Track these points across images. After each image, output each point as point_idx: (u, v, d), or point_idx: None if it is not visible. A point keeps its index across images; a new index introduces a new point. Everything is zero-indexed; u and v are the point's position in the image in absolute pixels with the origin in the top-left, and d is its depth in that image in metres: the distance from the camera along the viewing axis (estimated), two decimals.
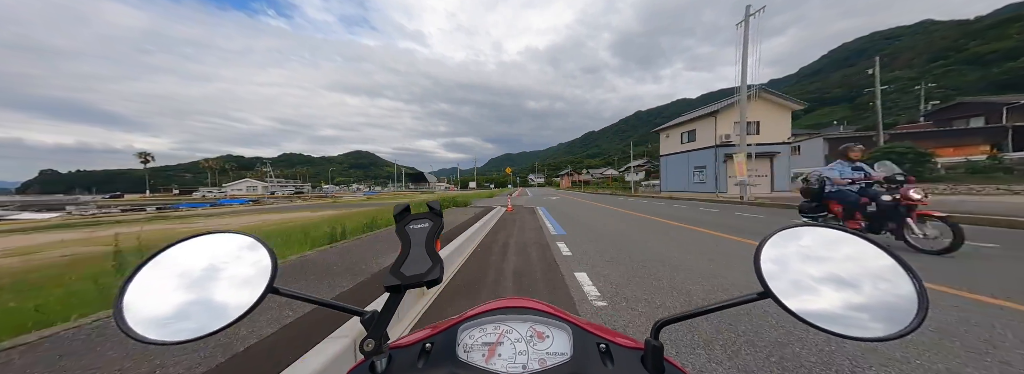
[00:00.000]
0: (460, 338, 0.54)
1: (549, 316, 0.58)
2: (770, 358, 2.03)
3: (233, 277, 0.51)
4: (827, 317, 0.44)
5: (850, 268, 0.47)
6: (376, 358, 0.49)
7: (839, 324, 0.43)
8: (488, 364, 0.50)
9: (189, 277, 0.50)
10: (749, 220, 9.22)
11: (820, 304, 0.45)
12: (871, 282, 0.46)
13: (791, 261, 0.50)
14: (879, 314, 0.44)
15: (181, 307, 0.47)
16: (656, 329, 0.51)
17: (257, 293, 0.48)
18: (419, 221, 0.59)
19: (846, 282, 0.46)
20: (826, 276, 0.47)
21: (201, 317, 0.46)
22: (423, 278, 0.51)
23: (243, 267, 0.52)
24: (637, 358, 0.50)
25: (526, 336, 0.54)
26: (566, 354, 0.51)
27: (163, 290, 0.49)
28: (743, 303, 0.48)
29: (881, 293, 0.45)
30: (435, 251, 0.55)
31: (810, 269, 0.48)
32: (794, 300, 0.46)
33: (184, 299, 0.48)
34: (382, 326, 0.50)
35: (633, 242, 6.36)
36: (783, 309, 0.46)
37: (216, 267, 0.51)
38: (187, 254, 0.53)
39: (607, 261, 4.76)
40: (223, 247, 0.54)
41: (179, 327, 0.45)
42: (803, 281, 0.47)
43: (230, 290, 0.49)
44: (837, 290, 0.46)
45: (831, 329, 0.43)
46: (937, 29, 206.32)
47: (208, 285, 0.50)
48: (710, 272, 4.00)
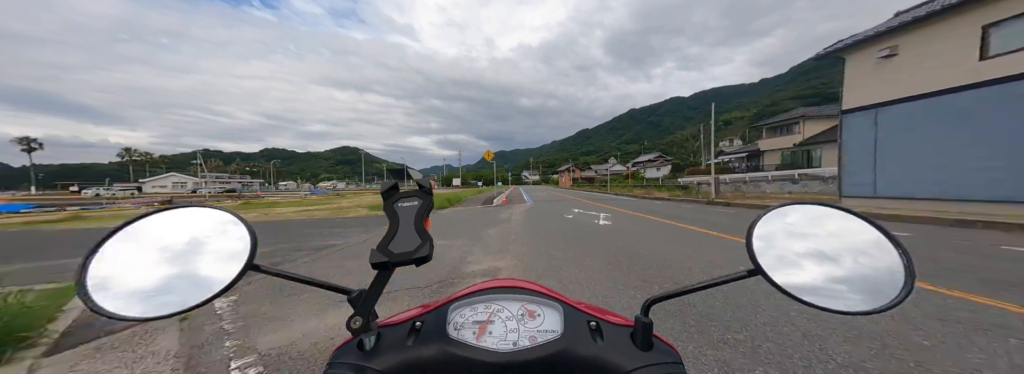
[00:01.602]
0: (450, 317, 0.54)
1: (541, 295, 0.58)
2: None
3: (210, 252, 0.49)
4: (815, 292, 0.45)
5: (838, 243, 0.48)
6: (364, 336, 0.48)
7: (827, 298, 0.44)
8: (479, 341, 0.50)
9: (161, 251, 0.48)
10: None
11: (808, 279, 0.46)
12: (858, 256, 0.46)
13: (780, 238, 0.50)
14: (866, 287, 0.44)
15: (153, 282, 0.45)
16: (646, 306, 0.51)
17: (235, 269, 0.47)
18: (408, 199, 0.57)
19: (833, 257, 0.47)
20: (813, 251, 0.48)
21: (175, 292, 0.45)
22: (412, 255, 0.49)
23: (221, 242, 0.50)
24: (627, 334, 0.51)
25: (517, 315, 0.54)
26: (557, 331, 0.51)
27: (133, 264, 0.46)
28: (733, 280, 0.48)
29: (868, 267, 0.45)
30: (425, 229, 0.53)
31: (798, 245, 0.49)
32: (783, 276, 0.47)
33: (156, 273, 0.46)
34: (370, 303, 0.49)
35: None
36: (772, 285, 0.46)
37: (193, 242, 0.49)
38: (158, 227, 0.50)
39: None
40: (198, 221, 0.52)
41: (150, 302, 0.43)
42: (791, 257, 0.48)
43: (207, 265, 0.47)
44: (824, 265, 0.47)
45: (818, 304, 0.44)
46: None
47: (183, 260, 0.47)
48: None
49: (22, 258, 5.68)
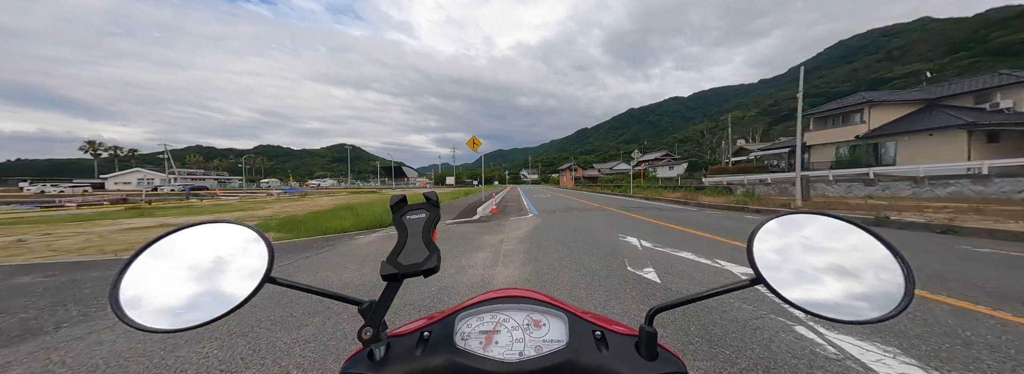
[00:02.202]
0: (457, 327, 0.55)
1: (546, 305, 0.58)
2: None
3: (230, 267, 0.51)
4: (816, 301, 0.46)
5: (842, 254, 0.49)
6: (374, 346, 0.49)
7: (827, 307, 0.45)
8: (485, 351, 0.50)
9: (186, 266, 0.51)
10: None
11: (809, 289, 0.47)
12: (860, 266, 0.48)
13: (784, 248, 0.51)
14: (867, 297, 0.45)
15: (178, 296, 0.48)
16: (650, 316, 0.52)
17: (254, 283, 0.49)
18: (416, 211, 0.58)
19: (836, 267, 0.48)
20: (816, 261, 0.49)
21: (198, 306, 0.47)
22: (420, 267, 0.51)
23: (240, 257, 0.52)
24: (631, 344, 0.51)
25: (523, 324, 0.55)
26: (562, 341, 0.51)
27: (160, 279, 0.49)
28: (736, 289, 0.49)
29: (870, 276, 0.47)
30: (432, 241, 0.55)
31: (801, 256, 0.50)
32: (785, 285, 0.48)
33: (181, 288, 0.48)
34: (380, 315, 0.50)
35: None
36: (774, 295, 0.47)
37: (213, 257, 0.52)
38: (183, 243, 0.53)
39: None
40: (219, 237, 0.55)
41: (176, 316, 0.46)
42: (795, 267, 0.49)
43: (227, 279, 0.50)
44: (827, 275, 0.48)
45: (820, 313, 0.45)
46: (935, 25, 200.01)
47: (206, 274, 0.50)
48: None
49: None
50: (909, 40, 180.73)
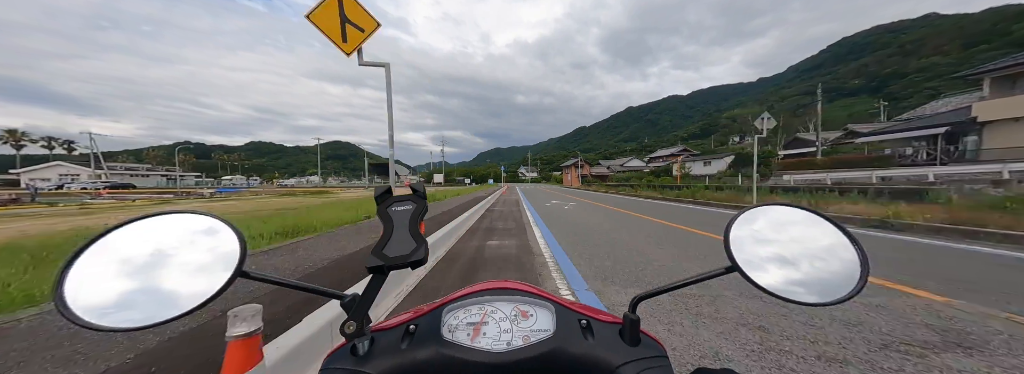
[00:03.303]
0: (445, 319, 0.54)
1: (533, 296, 0.59)
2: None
3: (198, 259, 0.46)
4: (785, 286, 0.49)
5: (805, 241, 0.53)
6: (358, 340, 0.48)
7: (795, 292, 0.48)
8: (474, 343, 0.50)
9: (146, 259, 0.45)
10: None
11: (779, 274, 0.50)
12: (822, 252, 0.51)
13: (757, 238, 0.54)
14: (826, 281, 0.49)
15: (138, 291, 0.42)
16: (633, 304, 0.54)
17: (224, 276, 0.44)
18: (402, 203, 0.58)
19: (802, 254, 0.52)
20: (784, 249, 0.53)
21: (162, 301, 0.42)
22: (407, 259, 0.50)
23: (208, 249, 0.47)
24: (616, 331, 0.53)
25: (511, 315, 0.55)
26: (549, 330, 0.52)
27: (116, 273, 0.43)
28: (713, 277, 0.51)
29: (830, 261, 0.50)
30: (419, 233, 0.54)
31: (772, 245, 0.53)
32: (757, 272, 0.50)
33: (141, 283, 0.43)
34: (364, 308, 0.48)
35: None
36: (747, 280, 0.50)
37: (179, 249, 0.46)
38: (141, 235, 0.47)
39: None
40: (183, 228, 0.49)
41: (136, 313, 0.41)
42: (767, 255, 0.52)
43: (196, 273, 0.45)
44: (793, 261, 0.51)
45: (788, 297, 0.48)
46: (942, 22, 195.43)
47: (170, 268, 0.45)
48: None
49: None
50: (921, 35, 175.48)
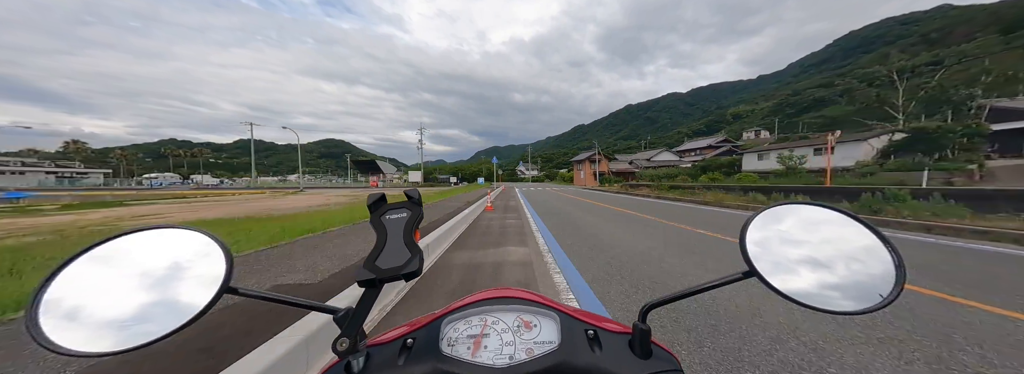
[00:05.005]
0: (444, 332, 0.51)
1: (536, 305, 0.56)
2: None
3: (184, 276, 0.45)
4: (809, 293, 0.45)
5: (832, 244, 0.48)
6: (352, 357, 0.45)
7: (821, 299, 0.44)
8: (474, 357, 0.47)
9: (129, 277, 0.43)
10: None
11: (802, 280, 0.46)
12: (852, 256, 0.46)
13: (775, 240, 0.50)
14: (859, 287, 0.44)
15: (117, 312, 0.40)
16: (643, 313, 0.50)
17: (211, 292, 0.43)
18: (396, 211, 0.55)
19: (828, 258, 0.47)
20: (809, 253, 0.48)
21: (144, 322, 0.40)
22: (401, 270, 0.47)
23: (192, 265, 0.46)
24: (625, 342, 0.49)
25: (513, 326, 0.52)
26: (554, 342, 0.49)
27: (96, 293, 0.41)
28: (729, 283, 0.47)
29: (861, 266, 0.46)
30: (414, 242, 0.51)
31: (794, 247, 0.49)
32: (778, 278, 0.46)
33: (124, 302, 0.41)
34: (357, 323, 0.46)
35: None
36: (768, 287, 0.45)
37: (163, 265, 0.45)
38: (123, 251, 0.45)
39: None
40: (167, 243, 0.47)
41: (116, 335, 0.39)
42: (786, 259, 0.48)
43: (181, 290, 0.43)
44: (819, 266, 0.47)
45: (814, 305, 0.44)
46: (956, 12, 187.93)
47: (154, 285, 0.43)
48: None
49: None
50: (940, 25, 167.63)
